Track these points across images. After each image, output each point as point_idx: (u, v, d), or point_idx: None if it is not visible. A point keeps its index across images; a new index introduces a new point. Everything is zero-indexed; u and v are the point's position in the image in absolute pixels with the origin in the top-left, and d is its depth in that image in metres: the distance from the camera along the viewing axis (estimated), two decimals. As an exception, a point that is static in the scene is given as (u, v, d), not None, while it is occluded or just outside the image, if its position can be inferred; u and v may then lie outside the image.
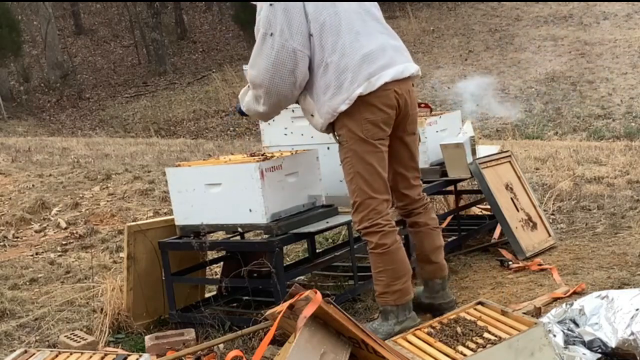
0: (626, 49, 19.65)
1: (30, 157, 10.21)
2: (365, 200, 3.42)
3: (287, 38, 3.32)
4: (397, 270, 3.46)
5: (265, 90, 3.41)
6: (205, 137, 17.72)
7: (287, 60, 3.34)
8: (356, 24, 3.39)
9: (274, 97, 3.43)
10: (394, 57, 3.42)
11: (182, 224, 3.83)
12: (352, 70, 3.31)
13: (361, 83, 3.31)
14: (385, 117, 3.40)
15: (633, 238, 4.73)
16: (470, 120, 5.14)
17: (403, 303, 3.49)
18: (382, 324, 3.50)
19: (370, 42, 3.38)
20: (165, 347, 3.53)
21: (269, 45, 3.35)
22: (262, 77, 3.39)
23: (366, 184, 3.41)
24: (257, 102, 3.52)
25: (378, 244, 3.44)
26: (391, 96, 3.39)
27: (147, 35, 26.12)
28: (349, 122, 3.37)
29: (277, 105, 3.51)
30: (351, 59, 3.32)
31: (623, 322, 2.96)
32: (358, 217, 3.47)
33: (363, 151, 3.39)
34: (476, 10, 25.88)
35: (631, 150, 8.14)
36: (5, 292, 4.80)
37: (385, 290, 3.49)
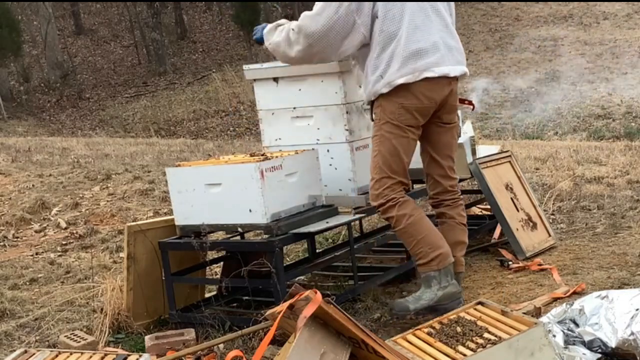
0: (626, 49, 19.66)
1: (30, 157, 10.21)
2: (382, 178, 3.58)
3: (353, 10, 3.50)
4: (430, 236, 3.57)
5: (310, 42, 3.55)
6: (205, 137, 17.72)
7: (343, 29, 3.53)
8: (418, 18, 3.54)
9: (314, 51, 3.59)
10: (445, 56, 3.57)
11: (182, 224, 3.83)
12: (400, 61, 3.50)
13: (404, 74, 3.50)
14: (421, 106, 3.55)
15: (633, 238, 4.73)
16: (470, 120, 5.14)
17: (446, 266, 3.57)
18: (425, 290, 3.58)
19: (425, 38, 3.54)
20: (165, 347, 3.53)
21: (334, 8, 3.51)
22: (315, 31, 3.53)
23: (386, 164, 3.57)
24: (290, 45, 3.63)
25: (398, 216, 3.56)
26: (431, 89, 3.55)
27: (147, 35, 26.12)
28: (386, 104, 3.56)
29: (310, 58, 3.67)
30: (403, 50, 3.50)
31: (623, 322, 2.96)
32: (374, 194, 3.63)
33: (390, 133, 3.56)
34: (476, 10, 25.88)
35: (631, 150, 8.13)
36: (5, 292, 4.80)
37: (426, 259, 3.56)
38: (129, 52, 27.70)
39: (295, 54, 3.64)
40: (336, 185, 4.04)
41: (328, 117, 3.98)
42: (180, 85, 23.57)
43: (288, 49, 3.65)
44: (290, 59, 3.72)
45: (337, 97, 3.91)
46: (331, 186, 4.02)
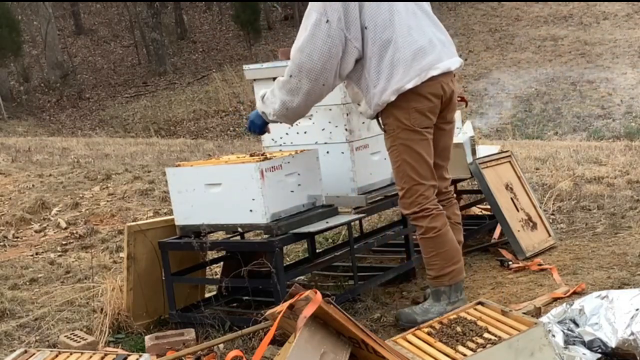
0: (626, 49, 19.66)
1: (30, 157, 10.21)
2: (413, 186, 3.54)
3: (342, 27, 3.38)
4: (449, 252, 3.58)
5: (314, 75, 3.40)
6: (205, 137, 17.73)
7: (339, 49, 3.40)
8: (409, 19, 3.48)
9: (320, 83, 3.43)
10: (442, 51, 3.54)
11: (182, 224, 3.83)
12: (403, 65, 3.42)
13: (412, 78, 3.42)
14: (432, 106, 3.51)
15: (633, 238, 4.73)
16: (470, 120, 5.14)
17: (457, 282, 3.60)
18: (434, 304, 3.61)
19: (421, 37, 3.48)
20: (165, 347, 3.52)
21: (324, 31, 3.37)
22: (316, 61, 3.38)
23: (413, 171, 3.52)
24: (293, 94, 3.48)
25: (428, 227, 3.55)
26: (438, 87, 3.51)
27: (147, 35, 26.13)
28: (397, 112, 3.49)
29: (319, 95, 3.51)
30: (403, 53, 3.42)
31: (623, 322, 2.96)
32: (406, 203, 3.58)
33: (410, 139, 3.50)
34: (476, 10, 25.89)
35: (631, 150, 8.13)
36: (5, 292, 4.80)
37: (439, 273, 3.58)
38: (129, 52, 27.71)
39: (302, 98, 3.47)
40: (336, 185, 4.04)
41: (328, 117, 3.98)
42: (180, 85, 23.58)
43: (295, 99, 3.48)
44: (301, 108, 3.54)
45: (337, 97, 3.91)
46: (331, 186, 4.02)
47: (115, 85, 25.00)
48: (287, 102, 3.51)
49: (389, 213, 5.24)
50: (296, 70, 3.43)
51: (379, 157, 4.11)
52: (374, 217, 5.31)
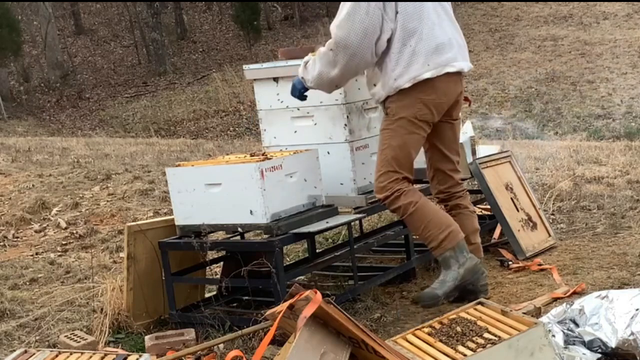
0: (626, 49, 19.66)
1: (30, 157, 10.20)
2: (389, 171, 3.66)
3: (380, 6, 3.52)
4: (437, 217, 3.68)
5: (351, 52, 3.53)
6: (205, 137, 17.72)
7: (377, 28, 3.53)
8: (433, 15, 3.64)
9: (356, 59, 3.56)
10: (457, 52, 3.69)
11: (182, 224, 3.83)
12: (424, 56, 3.57)
13: (430, 69, 3.57)
14: (439, 101, 3.64)
15: (633, 238, 4.73)
16: (471, 120, 5.15)
17: (458, 241, 3.67)
18: (447, 273, 3.69)
19: (442, 34, 3.64)
20: (165, 347, 3.52)
21: (363, 9, 3.52)
22: (353, 38, 3.52)
23: (394, 158, 3.64)
24: (332, 65, 3.60)
25: (405, 204, 3.65)
26: (450, 84, 3.65)
27: (147, 35, 26.12)
28: (405, 98, 3.61)
29: (354, 70, 3.63)
30: (426, 45, 3.57)
31: (623, 322, 2.96)
32: (379, 187, 3.70)
33: (403, 128, 3.63)
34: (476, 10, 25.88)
35: (631, 150, 8.13)
36: (5, 292, 4.80)
37: (437, 241, 3.67)
38: (129, 52, 27.69)
39: (338, 71, 3.61)
40: (336, 185, 4.04)
41: (328, 117, 3.98)
42: (180, 85, 23.57)
43: (332, 71, 3.62)
44: (336, 80, 3.66)
45: (337, 97, 3.91)
46: (331, 186, 4.02)
47: (115, 85, 24.99)
48: (323, 73, 3.64)
49: (389, 213, 5.23)
50: (334, 45, 3.57)
51: (379, 157, 4.11)
52: (374, 217, 5.30)
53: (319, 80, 3.69)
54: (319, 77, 3.67)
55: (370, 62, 3.65)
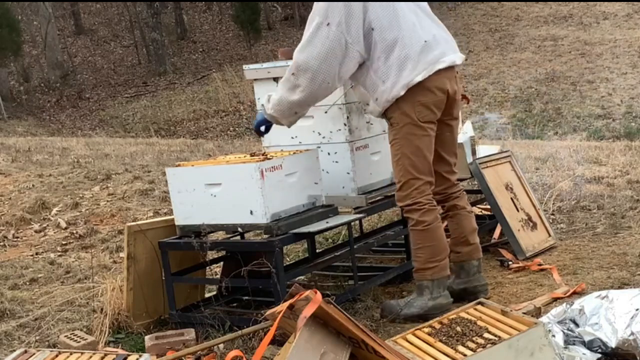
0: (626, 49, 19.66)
1: (30, 157, 10.20)
2: (410, 180, 3.65)
3: (342, 31, 3.49)
4: (436, 247, 3.68)
5: (310, 75, 3.52)
6: (205, 137, 17.71)
7: (338, 52, 3.50)
8: (412, 18, 3.61)
9: (317, 84, 3.54)
10: (445, 47, 3.66)
11: (182, 224, 3.83)
12: (412, 60, 3.54)
13: (420, 71, 3.55)
14: (437, 99, 3.62)
15: (633, 238, 4.73)
16: (470, 120, 5.15)
17: (439, 278, 3.70)
18: (417, 298, 3.73)
19: (425, 33, 3.61)
20: (165, 347, 3.52)
21: (324, 34, 3.49)
22: (312, 62, 3.50)
23: (411, 165, 3.63)
24: (292, 91, 3.58)
25: (419, 220, 3.66)
26: (444, 80, 3.62)
27: (147, 35, 26.12)
28: (403, 105, 3.59)
29: (316, 94, 3.59)
30: (411, 49, 3.54)
31: (623, 322, 2.96)
32: (401, 195, 3.70)
33: (412, 134, 3.61)
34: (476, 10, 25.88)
35: (631, 150, 8.13)
36: (5, 292, 4.80)
37: (423, 266, 3.70)
38: (129, 52, 27.69)
39: (299, 95, 3.57)
40: (336, 185, 4.04)
41: (328, 117, 3.98)
42: (180, 85, 23.57)
43: (291, 95, 3.58)
44: (296, 105, 3.62)
45: (337, 98, 3.91)
46: (331, 186, 4.02)
47: (115, 85, 24.99)
48: (283, 98, 3.62)
49: (389, 213, 5.24)
50: (295, 69, 3.55)
51: (379, 157, 4.11)
52: (374, 217, 5.30)
53: (278, 106, 3.64)
54: (278, 103, 3.63)
55: (333, 87, 3.61)
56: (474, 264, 3.91)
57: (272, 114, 3.70)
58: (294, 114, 3.69)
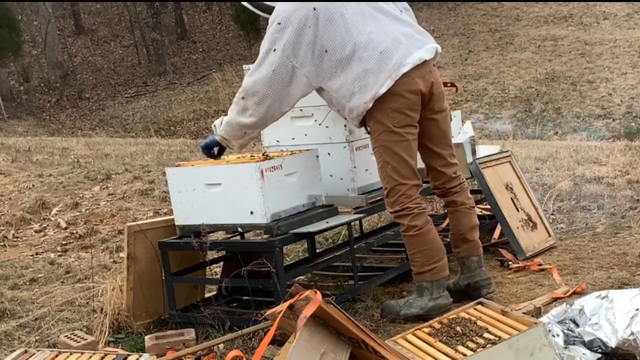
0: (626, 49, 19.65)
1: (30, 157, 10.20)
2: (395, 186, 3.63)
3: (288, 55, 3.49)
4: (431, 249, 3.66)
5: (257, 99, 3.54)
6: (205, 137, 17.68)
7: (285, 76, 3.52)
8: (367, 26, 3.53)
9: (264, 108, 3.56)
10: (409, 45, 3.56)
11: (182, 224, 3.83)
12: (373, 73, 3.49)
13: (384, 81, 3.49)
14: (410, 102, 3.55)
15: (633, 238, 4.74)
16: (470, 120, 5.14)
17: (438, 279, 3.68)
18: (417, 298, 3.72)
19: (383, 38, 3.52)
20: (165, 347, 3.52)
21: (270, 59, 3.52)
22: (259, 85, 3.53)
23: (394, 172, 3.60)
24: (242, 113, 3.60)
25: (409, 225, 3.64)
26: (413, 82, 3.54)
27: (147, 35, 26.12)
28: (377, 114, 3.56)
29: (265, 117, 3.60)
30: (368, 62, 3.49)
31: (623, 322, 2.96)
32: (389, 202, 3.69)
33: (389, 141, 3.58)
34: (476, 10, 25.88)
35: (631, 150, 8.13)
36: (5, 292, 4.80)
37: (421, 269, 3.69)
38: (129, 52, 27.70)
39: (249, 118, 3.59)
40: (336, 185, 4.04)
41: (328, 117, 3.98)
42: (180, 85, 23.57)
43: (241, 118, 3.60)
44: (248, 126, 3.63)
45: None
46: (331, 186, 4.02)
47: (115, 85, 24.99)
48: (233, 120, 3.65)
49: (389, 213, 5.24)
50: (244, 92, 3.59)
51: (379, 157, 4.10)
52: (374, 217, 5.30)
53: (227, 127, 3.66)
54: (228, 124, 3.65)
55: (282, 111, 3.62)
56: (474, 259, 3.89)
57: (223, 135, 3.70)
58: (244, 134, 3.68)
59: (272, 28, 3.55)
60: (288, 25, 3.50)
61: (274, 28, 3.54)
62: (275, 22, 3.54)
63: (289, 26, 3.49)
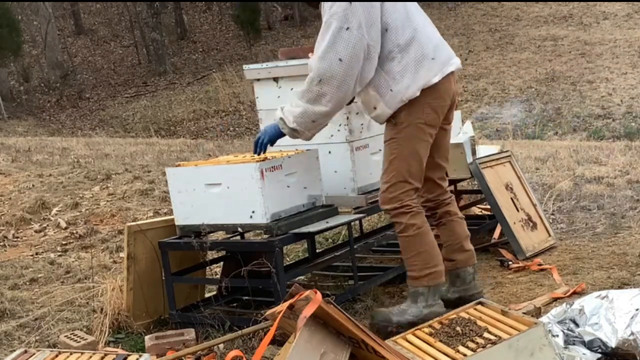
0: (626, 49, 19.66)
1: (30, 157, 10.20)
2: (400, 182, 3.51)
3: (363, 34, 3.35)
4: (429, 252, 3.54)
5: (337, 83, 3.36)
6: (205, 137, 17.71)
7: (361, 55, 3.37)
8: (421, 18, 3.55)
9: (343, 91, 3.39)
10: (449, 49, 3.61)
11: (182, 224, 3.83)
12: (429, 59, 3.45)
13: (437, 72, 3.46)
14: (444, 104, 3.54)
15: (633, 238, 4.74)
16: (470, 120, 5.14)
17: (435, 285, 3.55)
18: (411, 305, 3.56)
19: (434, 34, 3.56)
20: (165, 347, 3.53)
21: (345, 38, 3.33)
22: (336, 69, 3.34)
23: (405, 168, 3.50)
24: (316, 102, 3.41)
25: (408, 224, 3.50)
26: (450, 86, 3.54)
27: (147, 35, 26.12)
28: (411, 106, 3.46)
29: (342, 101, 3.46)
30: (427, 48, 3.46)
31: (623, 322, 2.96)
32: (387, 198, 3.55)
33: (414, 136, 3.49)
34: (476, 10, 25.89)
35: (631, 150, 8.14)
36: (5, 292, 4.80)
37: (419, 274, 3.54)
38: (129, 52, 27.70)
39: (325, 105, 3.40)
40: (336, 185, 4.04)
41: (328, 117, 3.97)
42: (180, 85, 23.58)
43: (316, 106, 3.41)
44: (322, 115, 3.45)
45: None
46: (331, 186, 4.02)
47: (115, 85, 25.00)
48: (308, 110, 3.44)
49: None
50: (317, 78, 3.38)
51: (379, 157, 4.10)
52: (374, 217, 5.30)
53: (301, 119, 3.45)
54: (302, 115, 3.44)
55: (354, 93, 3.47)
56: (470, 271, 3.79)
57: (295, 128, 3.49)
58: (319, 124, 3.54)
59: (341, 6, 3.35)
60: (358, 4, 3.34)
61: (343, 5, 3.35)
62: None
63: (360, 4, 3.35)
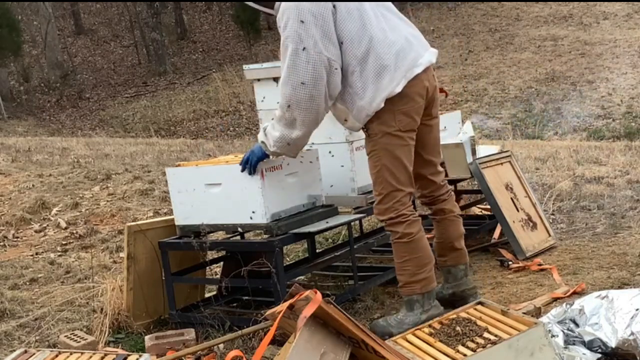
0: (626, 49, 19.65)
1: (30, 157, 10.20)
2: (391, 192, 3.47)
3: (321, 50, 3.29)
4: (422, 258, 3.52)
5: (305, 106, 3.32)
6: (205, 137, 17.72)
7: (323, 73, 3.30)
8: (380, 23, 3.43)
9: (312, 113, 3.34)
10: (419, 47, 3.49)
11: (182, 224, 3.83)
12: (389, 70, 3.36)
13: (399, 81, 3.37)
14: (417, 106, 3.46)
15: (633, 238, 4.74)
16: (470, 120, 5.14)
17: (429, 290, 3.55)
18: (408, 314, 3.54)
19: (397, 37, 3.43)
20: (165, 347, 3.53)
21: (303, 60, 3.27)
22: (301, 93, 3.30)
23: (392, 177, 3.46)
24: (291, 127, 3.39)
25: (404, 233, 3.49)
26: (422, 85, 3.45)
27: (147, 35, 26.12)
28: (383, 115, 3.41)
29: (314, 123, 3.42)
30: (386, 59, 3.36)
31: (623, 322, 2.96)
32: (382, 209, 3.52)
33: (392, 144, 3.44)
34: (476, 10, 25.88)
35: (631, 150, 8.14)
36: (5, 292, 4.80)
37: (410, 279, 3.53)
38: (129, 52, 27.70)
39: (299, 129, 3.38)
40: (336, 185, 4.04)
41: (328, 117, 3.97)
42: (180, 85, 23.58)
43: (292, 132, 3.39)
44: (300, 139, 3.43)
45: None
46: (331, 186, 4.02)
47: (115, 85, 25.00)
48: (286, 135, 3.42)
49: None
50: (286, 104, 3.35)
51: (379, 157, 4.10)
52: (373, 217, 5.29)
53: (280, 143, 3.43)
54: (280, 139, 3.42)
55: (326, 109, 3.40)
56: (461, 268, 3.79)
57: (277, 152, 3.50)
58: (299, 147, 3.53)
59: (293, 26, 3.29)
60: (310, 21, 3.28)
61: (295, 25, 3.28)
62: (296, 19, 3.28)
63: (312, 21, 3.28)
